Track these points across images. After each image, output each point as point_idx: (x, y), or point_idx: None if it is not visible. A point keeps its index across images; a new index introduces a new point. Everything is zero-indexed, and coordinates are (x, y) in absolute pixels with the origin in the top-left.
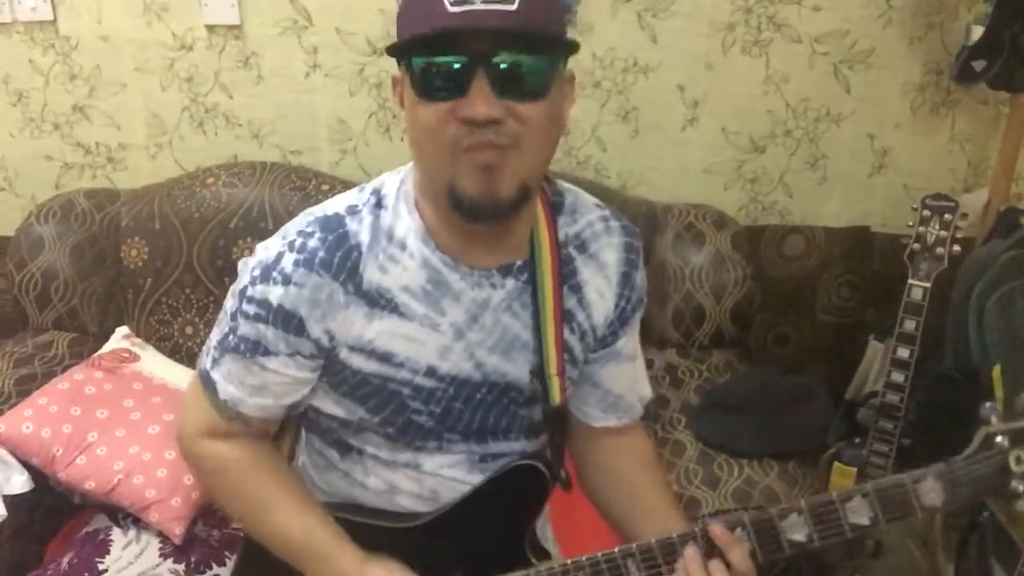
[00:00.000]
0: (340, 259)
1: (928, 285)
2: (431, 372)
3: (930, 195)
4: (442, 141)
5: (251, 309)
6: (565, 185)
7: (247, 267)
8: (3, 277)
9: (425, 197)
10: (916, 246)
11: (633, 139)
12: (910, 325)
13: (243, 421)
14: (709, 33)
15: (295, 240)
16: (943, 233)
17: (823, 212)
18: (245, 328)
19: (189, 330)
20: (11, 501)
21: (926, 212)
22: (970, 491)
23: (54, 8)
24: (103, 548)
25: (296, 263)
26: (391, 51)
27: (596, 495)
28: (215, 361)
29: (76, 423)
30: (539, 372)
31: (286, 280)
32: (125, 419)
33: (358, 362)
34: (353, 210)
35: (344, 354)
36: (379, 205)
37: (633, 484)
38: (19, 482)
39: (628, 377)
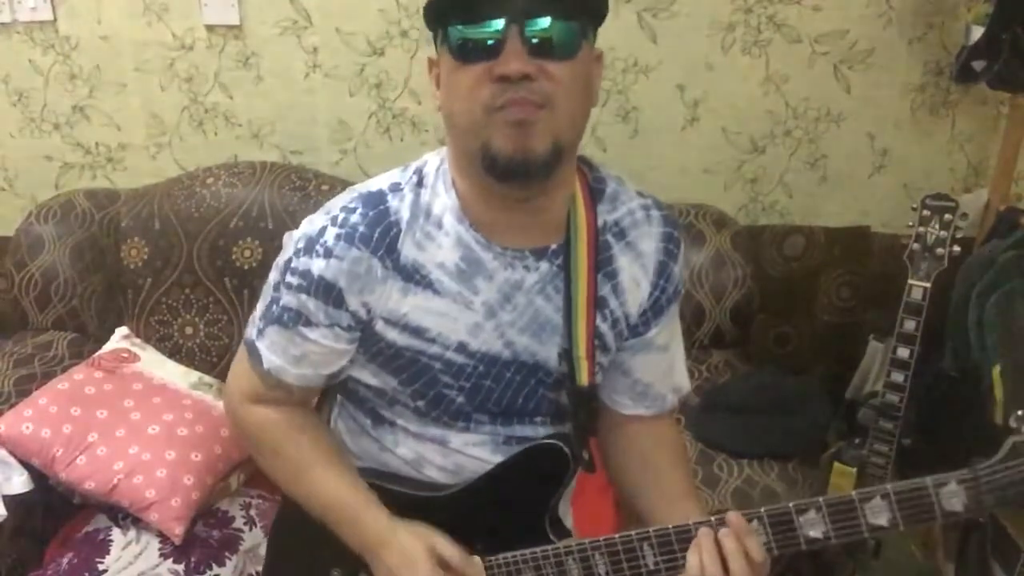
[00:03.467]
0: (380, 235)
1: (928, 285)
2: (462, 348)
3: (930, 195)
4: (477, 102)
5: (294, 280)
6: (610, 173)
7: (292, 239)
8: (3, 277)
9: (460, 171)
10: (916, 246)
11: (633, 139)
12: (910, 325)
13: (285, 389)
14: (709, 33)
15: (338, 215)
16: (943, 233)
17: (823, 212)
18: (288, 298)
19: (189, 330)
20: (11, 501)
21: (926, 212)
22: (994, 499)
23: (54, 8)
24: (103, 548)
25: (338, 237)
26: (428, 18)
27: (622, 483)
28: (260, 332)
29: (76, 423)
30: (567, 354)
31: (328, 253)
32: (125, 419)
33: (392, 335)
34: (396, 187)
35: (380, 326)
36: (420, 184)
37: (658, 474)
38: (19, 482)
39: (660, 367)
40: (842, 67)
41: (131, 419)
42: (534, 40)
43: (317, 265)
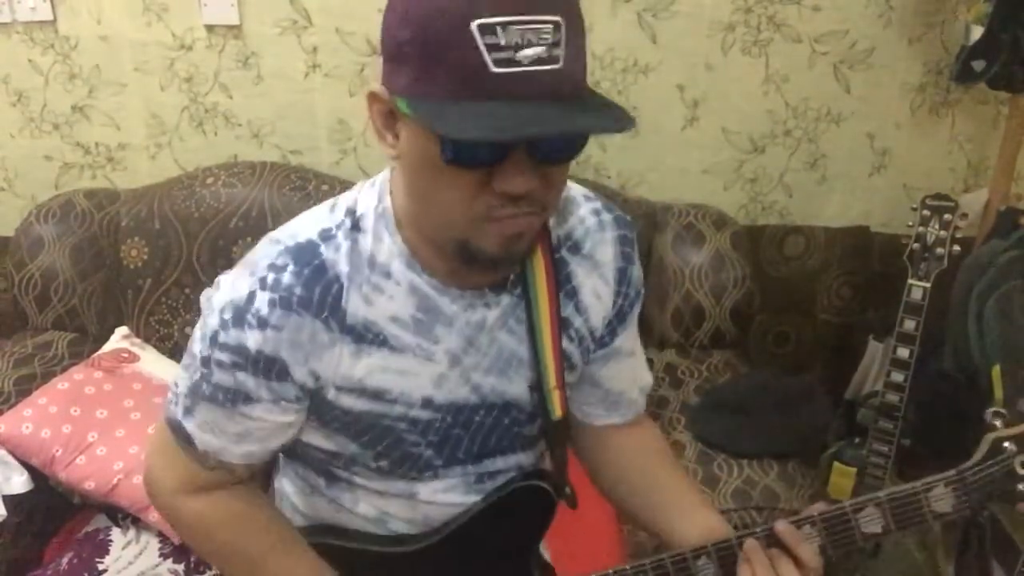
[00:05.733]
0: (320, 294)
1: (928, 285)
2: (427, 403)
3: (930, 195)
4: (471, 210)
5: (225, 357)
6: None
7: (212, 308)
8: (3, 277)
9: (414, 228)
10: (916, 246)
11: (633, 139)
12: (910, 325)
13: (226, 469)
14: (709, 33)
15: (267, 276)
16: (943, 233)
17: (823, 212)
18: (221, 376)
19: (189, 330)
20: (11, 501)
21: (926, 212)
22: (978, 497)
23: (54, 8)
24: (103, 548)
25: (272, 303)
26: (412, 108)
27: (615, 497)
28: (187, 410)
29: (76, 423)
30: (538, 386)
31: (262, 324)
32: (125, 419)
33: (348, 402)
34: (327, 235)
35: (332, 394)
36: (356, 228)
37: (651, 478)
38: (19, 482)
39: (628, 373)
40: (842, 67)
41: (131, 419)
42: (544, 147)
43: (252, 339)
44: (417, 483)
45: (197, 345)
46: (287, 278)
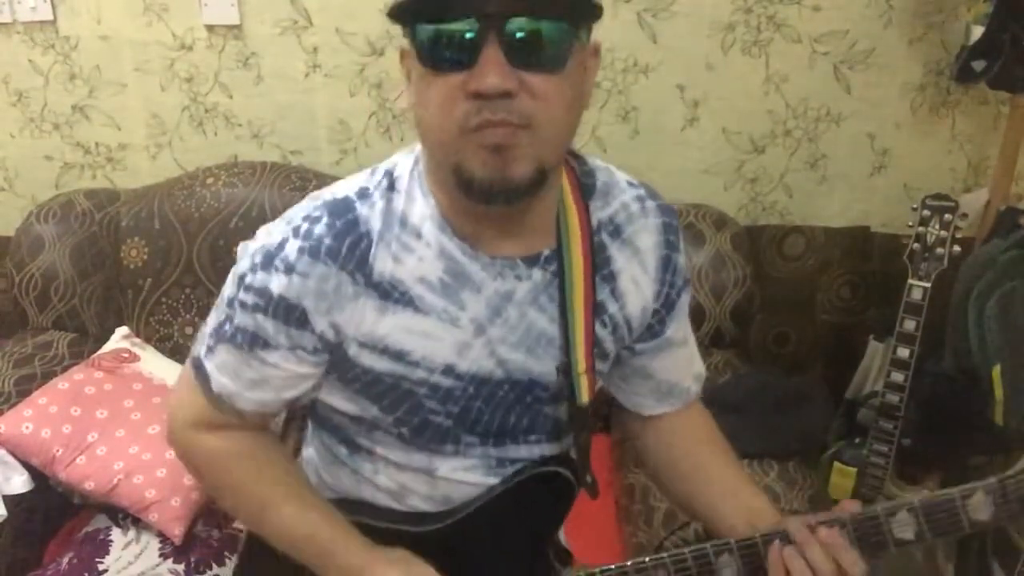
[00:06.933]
0: (348, 247)
1: (928, 285)
2: (449, 371)
3: (930, 195)
4: (450, 119)
5: (249, 298)
6: (597, 163)
7: (247, 252)
8: (3, 277)
9: (436, 181)
10: (916, 246)
11: (633, 139)
12: (910, 325)
13: (237, 414)
14: (709, 33)
15: (300, 226)
16: (943, 233)
17: (823, 212)
18: (242, 318)
19: (189, 330)
20: (11, 501)
21: (926, 212)
22: (1019, 507)
23: (54, 8)
24: (103, 548)
25: (300, 250)
26: (393, 15)
27: (660, 482)
28: (210, 349)
29: (76, 423)
30: (566, 370)
31: (289, 269)
32: (125, 419)
33: (369, 360)
34: (364, 193)
35: (353, 351)
36: (392, 188)
37: (697, 463)
38: (19, 482)
39: (681, 363)
40: (842, 67)
41: (131, 419)
42: (515, 46)
43: (277, 282)
44: (437, 457)
45: (227, 287)
46: (319, 229)
